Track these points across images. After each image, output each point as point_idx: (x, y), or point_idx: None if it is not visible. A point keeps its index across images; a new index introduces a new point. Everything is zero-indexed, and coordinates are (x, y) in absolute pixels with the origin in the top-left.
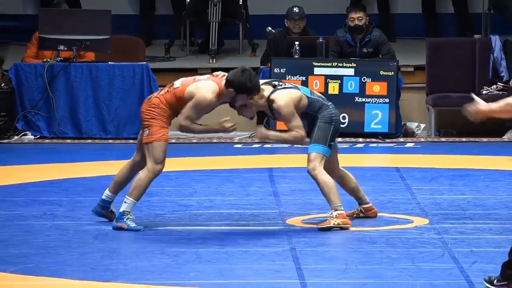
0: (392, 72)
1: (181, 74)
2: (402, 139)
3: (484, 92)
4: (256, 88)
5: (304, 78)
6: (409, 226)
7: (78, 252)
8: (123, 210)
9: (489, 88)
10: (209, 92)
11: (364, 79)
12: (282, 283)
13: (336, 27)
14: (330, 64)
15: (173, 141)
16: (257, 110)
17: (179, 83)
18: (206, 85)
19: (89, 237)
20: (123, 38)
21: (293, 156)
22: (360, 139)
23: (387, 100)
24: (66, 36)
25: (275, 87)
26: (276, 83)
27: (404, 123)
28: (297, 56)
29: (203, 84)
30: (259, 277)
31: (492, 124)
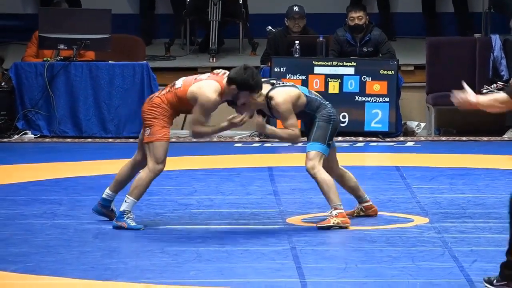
0: (392, 71)
1: (181, 73)
2: (402, 138)
3: (484, 91)
4: (258, 85)
5: (304, 77)
6: (409, 225)
7: (78, 251)
8: (124, 209)
9: (489, 87)
10: (211, 92)
11: (364, 78)
12: (282, 282)
13: (336, 26)
14: (330, 63)
15: (173, 140)
16: (256, 109)
17: (180, 83)
18: (208, 85)
19: (89, 236)
20: (123, 37)
21: (293, 155)
22: (360, 138)
23: (387, 99)
24: (66, 35)
25: (273, 85)
26: (274, 81)
27: (404, 122)
28: (297, 55)
29: (204, 84)
30: (259, 276)
31: (492, 123)
